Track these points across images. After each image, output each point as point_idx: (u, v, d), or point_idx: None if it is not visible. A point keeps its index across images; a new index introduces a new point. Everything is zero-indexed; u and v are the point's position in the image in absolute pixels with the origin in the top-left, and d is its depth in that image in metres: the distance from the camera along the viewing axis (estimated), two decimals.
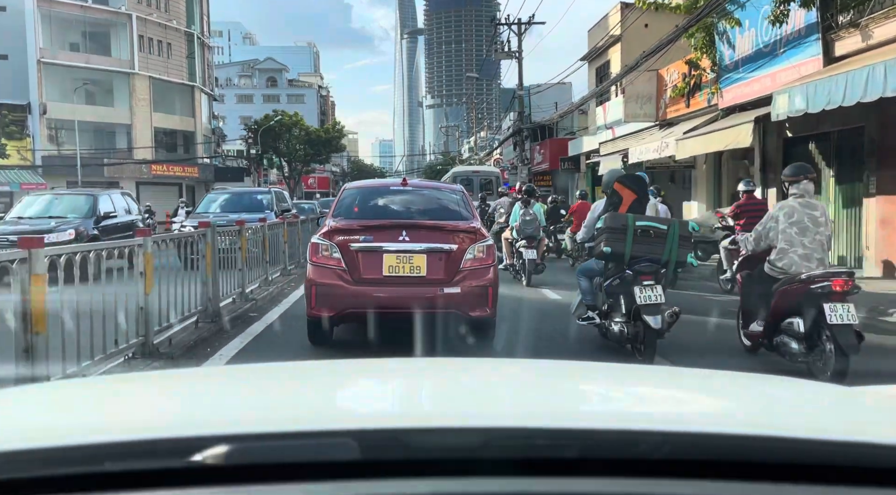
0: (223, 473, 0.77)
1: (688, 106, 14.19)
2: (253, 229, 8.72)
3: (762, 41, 11.18)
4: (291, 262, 11.23)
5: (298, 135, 49.00)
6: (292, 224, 11.78)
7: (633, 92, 16.06)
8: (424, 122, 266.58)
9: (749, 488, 0.78)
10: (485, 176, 20.35)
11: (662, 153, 13.91)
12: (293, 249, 11.47)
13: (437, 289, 5.30)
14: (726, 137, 10.92)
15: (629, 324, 5.33)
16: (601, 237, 5.50)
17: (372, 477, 0.77)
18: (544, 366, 1.75)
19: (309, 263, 5.58)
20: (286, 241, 10.84)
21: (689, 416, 1.09)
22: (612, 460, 0.80)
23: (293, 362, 3.20)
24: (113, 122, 43.14)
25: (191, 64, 47.58)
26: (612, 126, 19.78)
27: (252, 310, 7.59)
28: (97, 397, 1.26)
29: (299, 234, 12.21)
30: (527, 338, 6.05)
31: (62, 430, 0.94)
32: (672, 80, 15.02)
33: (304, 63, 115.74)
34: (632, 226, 5.35)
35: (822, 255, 5.04)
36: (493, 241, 6.00)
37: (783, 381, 1.49)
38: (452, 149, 75.09)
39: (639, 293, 5.15)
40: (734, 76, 12.19)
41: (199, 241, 6.48)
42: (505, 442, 0.82)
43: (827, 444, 0.84)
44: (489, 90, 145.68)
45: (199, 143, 48.18)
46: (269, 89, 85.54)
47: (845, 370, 4.47)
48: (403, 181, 6.39)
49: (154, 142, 44.94)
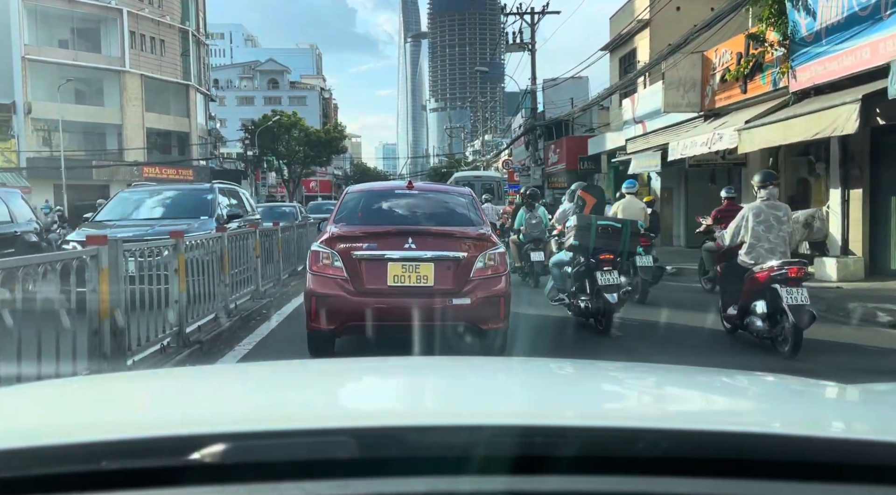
0: (221, 471, 0.77)
1: (744, 91, 11.95)
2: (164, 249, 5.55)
3: (857, 2, 8.94)
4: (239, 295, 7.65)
5: (298, 136, 46.85)
6: (241, 238, 7.97)
7: (674, 78, 13.82)
8: (428, 125, 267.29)
9: (747, 486, 0.78)
10: (487, 181, 20.26)
11: (714, 147, 11.68)
12: (243, 275, 7.96)
13: (446, 300, 5.05)
14: (817, 123, 8.67)
15: (592, 301, 6.56)
16: (570, 233, 6.84)
17: (370, 475, 0.77)
18: (542, 365, 1.78)
19: (308, 272, 5.25)
20: (224, 267, 7.02)
21: (688, 414, 1.12)
22: (610, 458, 0.80)
23: (292, 361, 3.23)
24: (103, 123, 41.24)
25: (185, 62, 45.60)
26: (643, 119, 17.54)
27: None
28: (95, 395, 1.27)
29: (256, 250, 8.57)
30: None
31: (60, 429, 0.95)
32: (723, 63, 12.79)
33: (306, 65, 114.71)
34: (594, 225, 6.71)
35: (785, 249, 5.94)
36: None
37: (781, 379, 1.55)
38: (456, 150, 73.43)
39: (600, 276, 6.39)
40: (813, 50, 9.94)
41: (89, 267, 4.14)
42: (503, 440, 0.81)
43: (825, 442, 0.84)
44: (493, 93, 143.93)
45: (194, 144, 46.12)
46: (270, 91, 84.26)
47: (799, 343, 5.49)
48: (409, 184, 6.10)
49: (146, 143, 42.99)
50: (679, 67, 13.90)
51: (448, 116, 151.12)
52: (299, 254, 11.39)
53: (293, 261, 11.41)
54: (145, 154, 42.22)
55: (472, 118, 72.32)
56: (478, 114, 56.10)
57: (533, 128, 28.03)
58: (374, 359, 2.38)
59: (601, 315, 6.52)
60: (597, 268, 6.47)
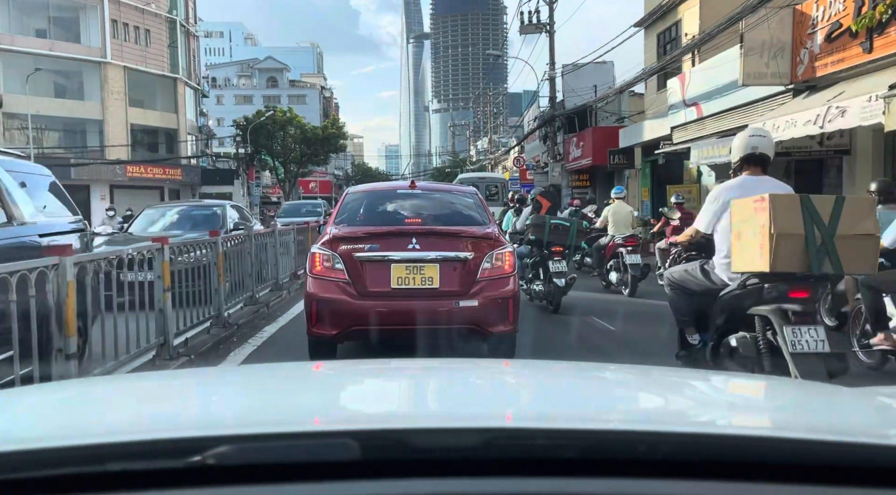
0: (224, 473, 0.77)
1: (869, 49, 8.81)
2: None
3: None
4: None
5: (294, 133, 43.66)
6: None
7: (755, 42, 10.71)
8: (431, 126, 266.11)
9: (748, 488, 0.78)
10: (491, 182, 19.93)
11: (830, 125, 8.56)
12: None
13: (452, 302, 4.89)
14: None
15: (545, 285, 8.20)
16: (529, 230, 8.57)
17: (372, 477, 0.78)
18: (543, 367, 1.80)
19: (309, 276, 5.13)
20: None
21: (689, 417, 1.12)
22: (611, 460, 0.80)
23: (294, 363, 3.17)
24: (83, 118, 38.34)
25: (173, 53, 42.62)
26: (697, 102, 14.41)
27: None
28: (98, 397, 1.27)
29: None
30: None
31: (64, 431, 0.95)
32: (830, 16, 9.68)
33: (306, 64, 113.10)
34: (548, 223, 8.37)
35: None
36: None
37: (782, 382, 1.62)
38: (460, 148, 71.08)
39: (552, 265, 8.01)
40: None
41: None
42: (505, 442, 0.82)
43: (826, 445, 0.84)
44: (495, 95, 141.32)
45: (183, 141, 43.08)
46: (269, 90, 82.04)
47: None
48: (412, 183, 5.95)
49: (131, 140, 39.99)
50: (761, 28, 10.77)
51: (451, 117, 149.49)
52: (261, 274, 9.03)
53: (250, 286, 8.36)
54: (129, 152, 39.23)
55: (479, 113, 69.67)
56: (486, 108, 52.86)
57: (552, 119, 24.89)
58: (376, 361, 2.53)
59: (552, 297, 8.06)
60: (549, 258, 8.08)
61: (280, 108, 44.64)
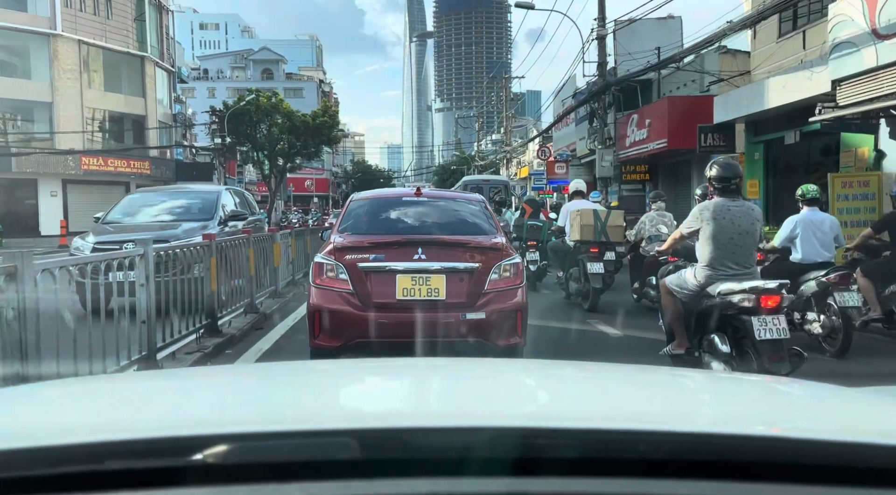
0: (224, 472, 0.77)
1: None
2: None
3: None
4: None
5: (281, 123, 37.43)
6: None
7: None
8: (433, 126, 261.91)
9: (749, 488, 0.78)
10: (495, 184, 18.79)
11: None
12: None
13: (459, 314, 4.84)
14: None
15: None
16: (513, 230, 10.91)
17: (372, 476, 0.78)
18: (544, 366, 1.80)
19: (312, 286, 5.08)
20: None
21: (689, 416, 1.12)
22: (612, 460, 0.80)
23: (294, 362, 3.06)
24: (28, 100, 32.42)
25: (140, 28, 36.74)
26: None
27: None
28: (97, 396, 1.26)
29: None
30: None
31: (63, 429, 0.95)
32: None
33: (305, 57, 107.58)
34: (526, 224, 11.18)
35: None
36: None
37: (783, 382, 1.61)
38: (464, 143, 65.81)
39: (528, 256, 10.68)
40: None
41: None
42: (505, 441, 0.82)
43: (827, 445, 0.84)
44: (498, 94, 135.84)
45: (152, 128, 37.15)
46: (264, 82, 76.40)
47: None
48: (417, 191, 5.83)
49: (89, 126, 34.08)
50: None
51: (454, 116, 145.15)
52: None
53: None
54: (83, 140, 33.29)
55: (482, 107, 64.09)
56: (500, 93, 46.73)
57: (603, 91, 18.87)
58: (377, 360, 2.46)
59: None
60: (526, 249, 10.87)
61: (265, 93, 38.51)
